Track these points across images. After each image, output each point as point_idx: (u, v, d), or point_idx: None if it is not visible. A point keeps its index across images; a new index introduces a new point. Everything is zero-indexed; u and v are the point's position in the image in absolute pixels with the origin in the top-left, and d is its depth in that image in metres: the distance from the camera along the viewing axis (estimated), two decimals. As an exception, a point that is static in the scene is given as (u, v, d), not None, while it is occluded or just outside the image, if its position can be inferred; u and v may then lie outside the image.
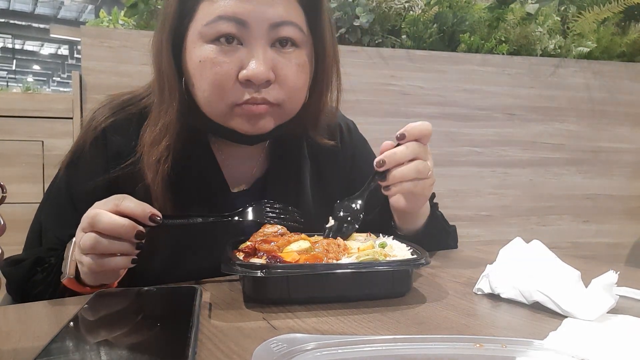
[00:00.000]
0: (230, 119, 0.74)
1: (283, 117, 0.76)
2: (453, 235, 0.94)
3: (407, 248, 0.68)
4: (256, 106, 0.72)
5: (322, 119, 0.85)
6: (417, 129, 0.72)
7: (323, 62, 0.78)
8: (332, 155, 0.91)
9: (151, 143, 0.73)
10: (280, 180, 0.85)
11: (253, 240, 0.66)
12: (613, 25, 2.34)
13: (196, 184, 0.79)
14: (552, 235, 2.27)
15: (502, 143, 2.20)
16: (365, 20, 2.03)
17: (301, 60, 0.74)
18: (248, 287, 0.62)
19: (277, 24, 0.70)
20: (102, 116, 0.80)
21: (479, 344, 0.43)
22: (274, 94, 0.72)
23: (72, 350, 0.43)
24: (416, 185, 0.72)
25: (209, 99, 0.72)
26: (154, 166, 0.73)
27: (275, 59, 0.71)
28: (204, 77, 0.71)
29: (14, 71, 17.58)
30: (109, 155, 0.77)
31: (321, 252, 0.63)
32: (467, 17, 2.15)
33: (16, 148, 1.79)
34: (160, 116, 0.74)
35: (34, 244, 0.80)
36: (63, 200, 0.79)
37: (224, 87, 0.70)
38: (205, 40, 0.70)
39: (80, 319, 0.50)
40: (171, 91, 0.73)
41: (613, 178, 2.33)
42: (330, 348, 0.42)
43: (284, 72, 0.72)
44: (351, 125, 0.98)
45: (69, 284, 0.65)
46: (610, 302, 0.55)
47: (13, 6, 12.18)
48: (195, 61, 0.71)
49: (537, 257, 0.63)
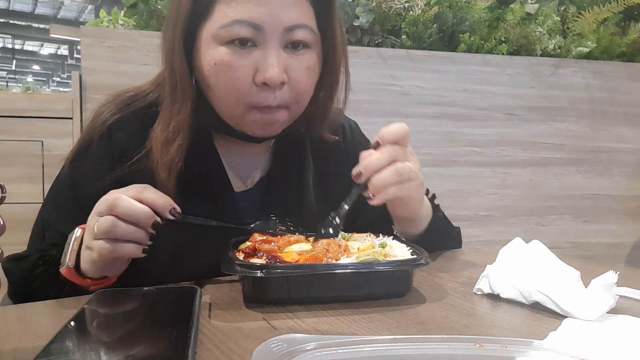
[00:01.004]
0: (243, 122, 0.75)
1: (291, 117, 0.77)
2: (457, 237, 0.94)
3: (407, 248, 0.68)
4: (273, 114, 0.73)
5: (330, 116, 0.85)
6: (391, 133, 0.71)
7: (333, 60, 0.79)
8: (335, 155, 0.91)
9: (164, 143, 0.73)
10: (284, 180, 0.85)
11: (253, 240, 0.66)
12: (613, 25, 2.34)
13: (200, 183, 0.79)
14: (552, 235, 2.27)
15: (502, 143, 2.20)
16: (365, 20, 2.03)
17: (311, 62, 0.74)
18: (248, 287, 0.62)
19: (291, 27, 0.70)
20: (109, 112, 0.80)
21: (479, 344, 0.43)
22: (285, 96, 0.73)
23: (72, 350, 0.43)
24: (401, 189, 0.70)
25: (226, 101, 0.73)
26: (167, 165, 0.73)
27: (287, 60, 0.72)
28: (220, 80, 0.71)
29: (14, 71, 17.58)
30: (115, 151, 0.77)
31: (321, 252, 0.63)
32: (467, 17, 2.15)
33: (16, 148, 1.79)
34: (173, 115, 0.74)
35: (35, 242, 0.80)
36: (67, 195, 0.78)
37: (241, 90, 0.71)
38: (219, 42, 0.70)
39: (80, 319, 0.50)
40: (184, 91, 0.73)
41: (613, 178, 2.33)
42: (330, 348, 0.42)
43: (295, 75, 0.72)
44: (353, 125, 0.99)
45: (67, 274, 0.64)
46: (610, 302, 0.55)
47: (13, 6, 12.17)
48: (210, 63, 0.71)
49: (537, 257, 0.63)
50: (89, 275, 0.65)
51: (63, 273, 0.64)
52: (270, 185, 0.85)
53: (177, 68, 0.73)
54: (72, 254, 0.64)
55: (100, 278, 0.66)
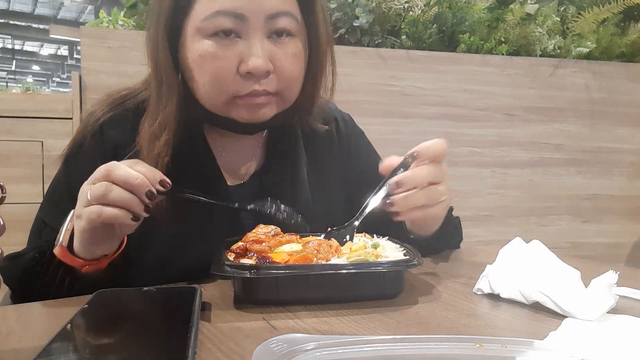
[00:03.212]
0: (230, 110, 0.75)
1: (283, 104, 0.78)
2: (460, 230, 0.93)
3: (400, 249, 0.67)
4: (258, 97, 0.73)
5: (316, 105, 0.86)
6: (431, 149, 0.68)
7: (317, 48, 0.79)
8: (329, 147, 0.92)
9: (150, 138, 0.74)
10: (277, 174, 0.85)
11: (245, 240, 0.66)
12: (612, 25, 2.34)
13: (192, 177, 0.79)
14: (552, 235, 2.27)
15: (502, 143, 2.20)
16: (365, 21, 2.03)
17: (297, 49, 0.75)
18: (238, 288, 0.62)
19: (274, 15, 0.71)
20: (101, 111, 0.81)
21: (479, 344, 0.43)
22: (273, 84, 0.73)
23: (72, 350, 0.43)
24: (428, 213, 0.69)
25: (210, 92, 0.74)
26: (153, 160, 0.73)
27: (272, 49, 0.72)
28: (204, 71, 0.72)
29: (14, 71, 17.58)
30: (108, 149, 0.78)
31: (311, 252, 0.63)
32: (467, 17, 2.15)
33: (16, 148, 1.79)
34: (159, 110, 0.75)
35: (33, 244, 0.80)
36: (62, 193, 0.79)
37: (225, 80, 0.72)
38: (203, 35, 0.71)
39: (80, 319, 0.50)
40: (170, 85, 0.74)
41: (613, 178, 2.33)
42: (330, 348, 0.42)
43: (281, 63, 0.73)
44: (346, 117, 0.99)
45: (60, 254, 0.64)
46: (610, 302, 0.55)
47: (13, 6, 12.18)
48: (194, 55, 0.72)
49: (537, 257, 0.63)
50: (81, 255, 0.64)
51: (56, 253, 0.64)
52: (264, 178, 0.85)
53: (162, 63, 0.74)
54: (65, 233, 0.64)
55: (92, 260, 0.65)
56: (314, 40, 0.78)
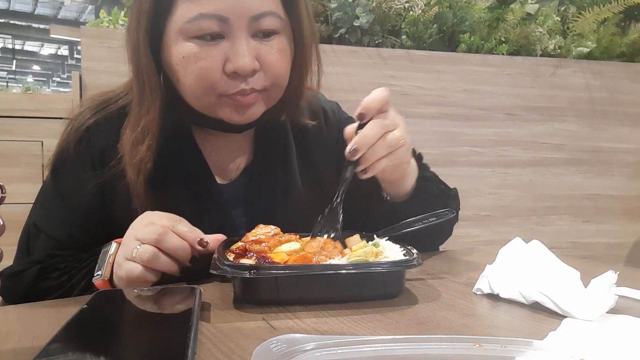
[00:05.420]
0: (218, 110, 0.75)
1: (270, 101, 0.78)
2: (454, 197, 0.92)
3: (400, 249, 0.67)
4: (245, 97, 0.73)
5: (303, 100, 0.86)
6: (375, 102, 0.69)
7: (302, 43, 0.79)
8: (318, 139, 0.91)
9: (133, 143, 0.73)
10: (268, 170, 0.85)
11: (245, 240, 0.66)
12: (613, 25, 2.34)
13: (181, 178, 0.79)
14: (552, 235, 2.27)
15: (502, 143, 2.20)
16: (365, 21, 2.03)
17: (282, 45, 0.75)
18: (238, 288, 0.62)
19: (257, 16, 0.71)
20: (83, 117, 0.80)
21: (479, 344, 0.44)
22: (260, 81, 0.73)
23: (72, 350, 0.43)
24: (392, 159, 0.70)
25: (195, 93, 0.73)
26: (136, 166, 0.73)
27: (257, 47, 0.72)
28: (189, 72, 0.71)
29: (14, 71, 17.59)
30: (94, 154, 0.78)
31: (314, 252, 0.63)
32: (467, 17, 2.15)
33: (16, 148, 1.79)
34: (142, 115, 0.74)
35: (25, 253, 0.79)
36: (54, 201, 0.79)
37: (211, 80, 0.71)
38: (186, 37, 0.70)
39: (80, 319, 0.50)
40: (152, 89, 0.73)
41: (613, 178, 2.33)
42: (330, 348, 0.42)
43: (268, 60, 0.73)
44: (334, 107, 0.98)
45: (101, 285, 0.66)
46: (610, 302, 0.55)
47: (13, 6, 12.18)
48: (178, 57, 0.71)
49: (537, 257, 0.63)
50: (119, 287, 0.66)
51: (96, 284, 0.66)
52: (255, 175, 0.85)
53: (144, 66, 0.73)
54: (107, 266, 0.66)
55: None
56: (298, 36, 0.78)
